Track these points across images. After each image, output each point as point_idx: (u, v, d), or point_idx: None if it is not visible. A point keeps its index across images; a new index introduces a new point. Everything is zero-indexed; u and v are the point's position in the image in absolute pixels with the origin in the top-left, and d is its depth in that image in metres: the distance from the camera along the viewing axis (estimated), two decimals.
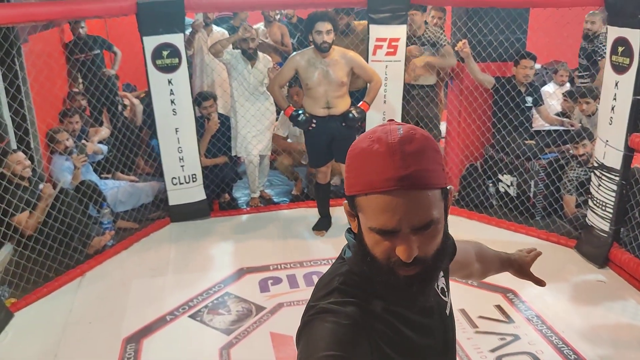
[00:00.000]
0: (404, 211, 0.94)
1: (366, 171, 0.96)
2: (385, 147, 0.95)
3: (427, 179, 0.95)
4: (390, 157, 0.94)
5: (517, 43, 4.74)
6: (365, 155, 0.97)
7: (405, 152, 0.94)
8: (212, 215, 4.78)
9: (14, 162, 3.81)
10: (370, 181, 0.95)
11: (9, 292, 3.59)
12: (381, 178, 0.94)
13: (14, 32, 4.02)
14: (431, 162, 0.96)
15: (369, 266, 1.01)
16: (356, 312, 0.99)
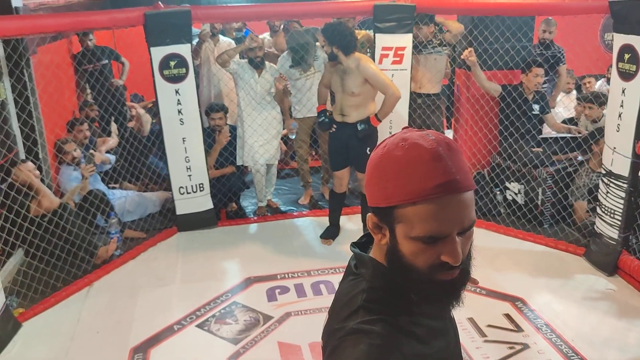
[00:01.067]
0: (455, 215, 0.94)
1: (410, 180, 0.93)
2: (428, 153, 0.93)
3: (469, 180, 0.95)
4: (436, 162, 0.93)
5: (523, 51, 4.75)
6: (404, 163, 0.94)
7: (449, 156, 0.93)
8: (219, 225, 4.79)
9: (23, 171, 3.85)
10: (418, 189, 0.93)
11: (17, 302, 3.59)
12: (431, 185, 0.92)
13: (23, 44, 4.06)
14: (465, 164, 0.97)
15: (404, 278, 0.98)
16: (386, 330, 0.96)
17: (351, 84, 3.98)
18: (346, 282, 1.08)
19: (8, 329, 3.25)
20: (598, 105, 4.78)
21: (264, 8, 5.13)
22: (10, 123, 4.14)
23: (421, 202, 0.93)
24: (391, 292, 1.00)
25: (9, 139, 4.06)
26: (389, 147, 0.98)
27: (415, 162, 0.94)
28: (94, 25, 4.34)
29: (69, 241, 3.96)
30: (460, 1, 4.74)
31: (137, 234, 4.56)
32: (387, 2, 4.63)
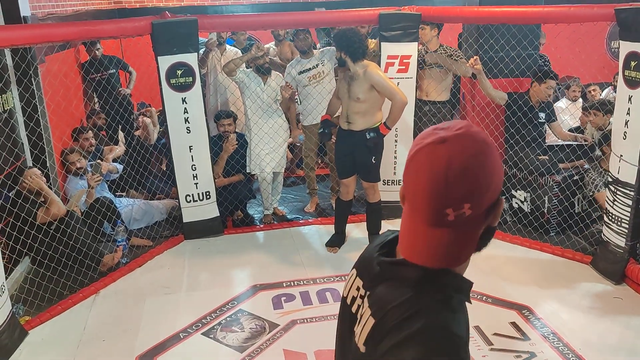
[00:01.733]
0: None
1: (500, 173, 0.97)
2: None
3: None
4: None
5: (529, 59, 4.75)
6: (495, 158, 0.96)
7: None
8: (225, 233, 4.80)
9: (30, 176, 3.88)
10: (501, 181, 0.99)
11: (23, 310, 3.61)
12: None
13: (31, 53, 4.10)
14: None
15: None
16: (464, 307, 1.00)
17: (357, 89, 3.97)
18: (403, 292, 1.00)
19: (14, 337, 3.25)
20: (604, 113, 4.77)
21: (271, 17, 5.17)
22: (18, 131, 4.17)
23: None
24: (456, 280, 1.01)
25: (16, 147, 4.09)
26: (480, 146, 0.95)
27: (497, 157, 0.98)
28: (102, 34, 4.38)
29: (76, 249, 3.98)
30: (466, 9, 4.75)
31: (143, 241, 4.57)
32: (392, 10, 4.65)
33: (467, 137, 0.95)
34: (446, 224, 0.93)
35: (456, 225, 0.93)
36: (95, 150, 5.07)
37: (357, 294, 1.10)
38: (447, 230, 0.94)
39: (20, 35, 3.52)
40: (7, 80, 4.04)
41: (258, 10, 8.88)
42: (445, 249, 0.94)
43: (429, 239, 0.95)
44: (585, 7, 3.98)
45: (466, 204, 0.92)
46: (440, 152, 0.93)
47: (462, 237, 0.95)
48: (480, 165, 0.93)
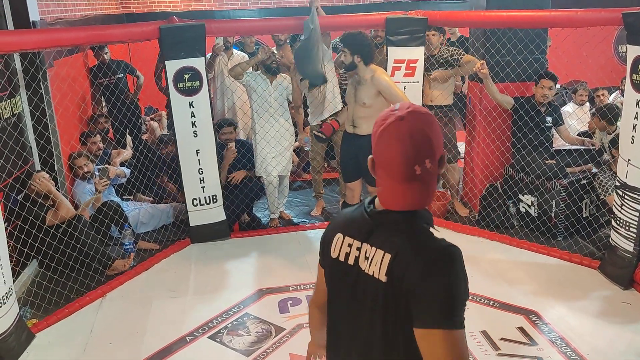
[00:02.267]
0: None
1: (441, 133, 1.35)
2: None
3: None
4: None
5: (535, 63, 4.74)
6: (437, 123, 1.35)
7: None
8: (232, 236, 4.80)
9: (38, 180, 3.90)
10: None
11: (30, 312, 3.62)
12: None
13: (39, 57, 4.14)
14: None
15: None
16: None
17: (363, 94, 3.97)
18: (405, 228, 1.32)
19: (21, 339, 3.27)
20: (602, 119, 4.79)
21: (277, 22, 5.18)
22: (26, 135, 4.21)
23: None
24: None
25: (25, 151, 4.12)
26: (423, 115, 1.30)
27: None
28: (110, 38, 4.41)
29: (83, 252, 4.00)
30: (472, 14, 4.76)
31: (150, 245, 4.59)
32: (399, 15, 4.66)
33: (416, 112, 1.29)
34: (416, 178, 1.27)
35: (422, 177, 1.28)
36: (103, 154, 5.10)
37: (350, 249, 1.38)
38: (417, 183, 1.28)
39: (29, 40, 3.55)
40: (16, 85, 4.07)
41: (265, 14, 8.93)
42: (419, 195, 1.30)
43: (405, 191, 1.29)
44: (593, 11, 3.97)
45: (427, 160, 1.27)
46: (402, 127, 1.27)
47: (427, 185, 1.30)
48: (430, 130, 1.28)
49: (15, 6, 4.12)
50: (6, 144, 3.67)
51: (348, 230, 1.41)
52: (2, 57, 3.89)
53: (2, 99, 3.88)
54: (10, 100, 4.01)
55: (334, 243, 1.43)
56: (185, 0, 8.99)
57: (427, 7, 7.10)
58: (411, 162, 1.26)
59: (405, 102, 1.36)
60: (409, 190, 1.29)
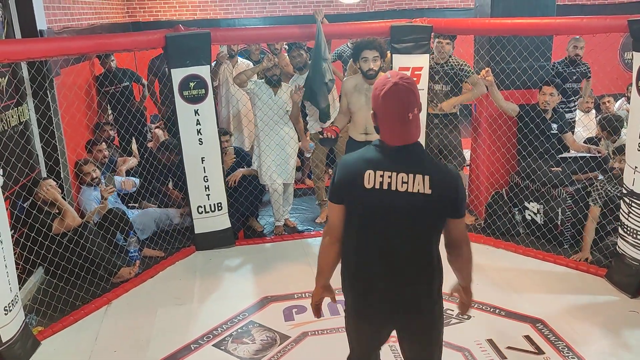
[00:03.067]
0: None
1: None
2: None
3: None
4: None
5: (541, 70, 4.74)
6: (415, 81, 2.03)
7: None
8: (236, 244, 4.80)
9: (45, 187, 3.92)
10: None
11: (36, 320, 3.63)
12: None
13: (46, 66, 4.17)
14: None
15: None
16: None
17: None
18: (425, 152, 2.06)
19: (27, 347, 3.27)
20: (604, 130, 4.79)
21: (282, 30, 5.20)
22: (33, 143, 4.23)
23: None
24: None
25: (31, 159, 4.14)
26: (408, 78, 1.95)
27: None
28: (117, 47, 4.44)
29: (89, 260, 4.01)
30: (477, 21, 4.76)
31: (155, 253, 4.59)
32: (404, 22, 4.67)
33: (404, 77, 1.92)
34: (409, 121, 1.90)
35: (413, 121, 1.90)
36: (108, 161, 5.12)
37: (383, 179, 1.90)
38: (411, 124, 1.91)
39: (36, 49, 3.58)
40: (23, 93, 4.10)
41: (270, 23, 8.98)
42: (414, 131, 1.93)
43: (406, 130, 1.91)
44: (598, 19, 3.96)
45: (415, 108, 1.90)
46: (399, 88, 1.89)
47: (417, 124, 1.93)
48: (414, 90, 1.91)
49: (23, 15, 4.16)
50: (13, 151, 3.69)
51: (377, 166, 1.92)
52: (9, 66, 3.92)
53: (9, 107, 3.90)
54: (18, 108, 4.03)
55: (366, 178, 1.91)
56: (190, 9, 9.05)
57: (431, 14, 7.12)
58: (406, 111, 1.88)
59: (394, 71, 1.98)
60: (407, 129, 1.91)
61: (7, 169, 3.60)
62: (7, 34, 4.00)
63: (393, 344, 3.29)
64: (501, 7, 4.62)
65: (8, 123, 3.85)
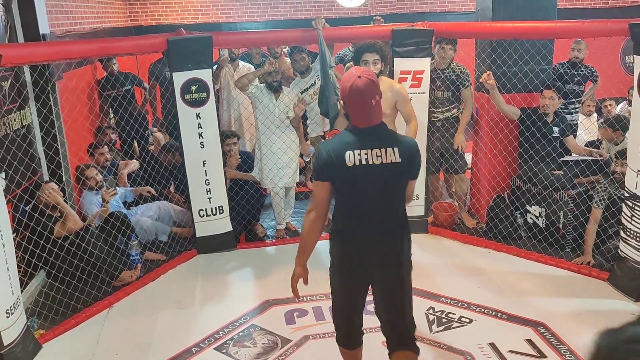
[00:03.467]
0: None
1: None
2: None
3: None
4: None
5: (542, 74, 4.74)
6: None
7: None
8: (238, 247, 4.80)
9: (47, 191, 3.93)
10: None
11: (37, 323, 3.63)
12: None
13: (49, 69, 4.18)
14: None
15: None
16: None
17: (383, 104, 3.93)
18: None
19: (29, 350, 3.27)
20: (613, 130, 4.76)
21: (283, 33, 5.21)
22: (35, 146, 4.24)
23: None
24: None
25: (33, 162, 4.15)
26: (369, 72, 2.40)
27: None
28: (119, 51, 4.45)
29: (91, 263, 4.01)
30: (479, 25, 4.77)
31: (157, 256, 4.59)
32: (405, 26, 4.68)
33: (366, 71, 2.36)
34: (373, 106, 2.33)
35: (375, 104, 2.33)
36: (110, 165, 5.13)
37: (360, 156, 2.31)
38: (375, 106, 2.33)
39: (39, 52, 3.59)
40: (25, 97, 4.11)
41: (271, 27, 8.99)
42: (378, 113, 2.37)
43: (371, 113, 2.34)
44: (599, 22, 3.97)
45: (377, 95, 2.33)
46: (363, 81, 2.30)
47: (379, 108, 2.36)
48: (375, 79, 2.34)
49: (26, 19, 4.17)
50: (15, 155, 3.70)
51: (353, 147, 2.33)
52: (12, 70, 3.94)
53: (11, 111, 3.91)
54: (20, 112, 4.05)
55: (347, 158, 2.32)
56: (192, 13, 9.07)
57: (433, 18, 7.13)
58: (370, 98, 2.32)
59: (358, 67, 2.49)
60: (373, 112, 2.35)
61: (9, 172, 3.61)
62: (9, 38, 4.01)
63: None
64: (502, 10, 4.62)
65: (11, 126, 3.86)
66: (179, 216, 5.07)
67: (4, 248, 3.05)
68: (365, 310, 2.61)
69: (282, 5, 9.30)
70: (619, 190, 4.08)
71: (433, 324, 3.52)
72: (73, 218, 4.02)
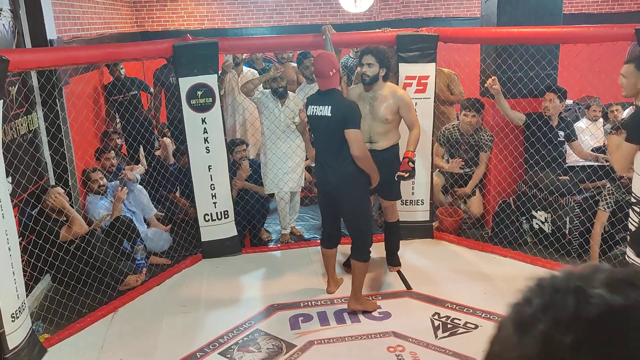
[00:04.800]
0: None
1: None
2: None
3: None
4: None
5: (547, 79, 4.73)
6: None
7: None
8: (243, 252, 4.80)
9: (53, 195, 3.95)
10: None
11: (43, 327, 3.64)
12: None
13: (56, 74, 4.21)
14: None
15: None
16: None
17: (385, 111, 3.91)
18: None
19: (33, 354, 3.28)
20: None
21: (288, 39, 5.24)
22: (41, 151, 4.26)
23: None
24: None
25: (40, 166, 4.17)
26: (325, 52, 3.96)
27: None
28: (125, 56, 4.48)
29: (96, 267, 4.02)
30: (484, 30, 4.77)
31: (162, 260, 4.60)
32: (410, 32, 4.68)
33: (325, 52, 4.00)
34: (330, 76, 3.53)
35: (334, 76, 3.54)
36: (116, 169, 5.15)
37: (315, 110, 3.56)
38: (332, 78, 3.54)
39: (46, 58, 3.62)
40: (32, 101, 4.14)
41: (277, 32, 9.02)
42: (333, 81, 3.55)
43: (326, 82, 3.54)
44: (605, 27, 3.97)
45: (334, 69, 3.54)
46: (322, 56, 3.66)
47: (336, 78, 3.56)
48: (333, 58, 3.64)
49: (34, 25, 4.21)
50: (22, 159, 3.72)
51: (313, 102, 3.60)
52: (20, 75, 3.97)
53: (19, 116, 3.94)
54: (27, 116, 4.07)
55: (309, 110, 3.61)
56: (198, 19, 9.11)
57: (438, 24, 7.14)
58: (327, 70, 3.48)
59: (322, 50, 4.08)
60: (327, 81, 3.51)
61: (16, 176, 3.63)
62: (17, 44, 4.04)
63: (400, 353, 3.28)
64: (507, 16, 4.62)
65: (18, 131, 3.89)
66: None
67: (10, 252, 3.06)
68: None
69: (287, 11, 9.33)
70: (626, 195, 4.06)
71: (438, 330, 3.51)
72: (79, 222, 4.03)
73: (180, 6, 9.03)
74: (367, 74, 3.89)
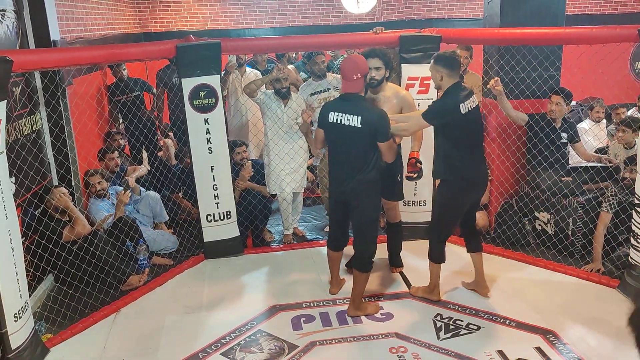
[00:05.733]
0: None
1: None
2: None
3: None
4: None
5: (550, 80, 4.72)
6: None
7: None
8: (245, 252, 4.81)
9: (57, 195, 3.95)
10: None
11: (45, 327, 3.64)
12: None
13: (59, 75, 4.21)
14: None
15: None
16: None
17: (388, 111, 3.87)
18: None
19: (36, 354, 3.28)
20: (632, 130, 4.71)
21: (291, 40, 5.24)
22: (45, 151, 4.27)
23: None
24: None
25: (43, 167, 4.18)
26: (354, 55, 3.82)
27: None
28: (128, 57, 4.48)
29: (98, 267, 4.03)
30: (487, 31, 4.76)
31: (164, 261, 4.61)
32: (413, 32, 4.68)
33: (355, 55, 3.82)
34: (353, 80, 3.50)
35: (358, 80, 3.50)
36: (119, 170, 5.16)
37: (337, 117, 3.48)
38: (357, 81, 3.50)
39: (49, 58, 3.63)
40: (36, 102, 4.15)
41: (280, 33, 9.03)
42: (358, 86, 3.52)
43: (350, 85, 3.51)
44: (608, 28, 3.96)
45: (359, 73, 3.50)
46: (350, 58, 3.64)
47: (360, 82, 3.52)
48: (361, 61, 3.60)
49: (37, 26, 4.22)
50: (25, 159, 3.73)
51: (335, 109, 3.51)
52: (23, 75, 3.98)
53: (22, 116, 3.95)
54: (30, 117, 4.08)
55: (330, 117, 3.51)
56: (201, 20, 9.13)
57: (440, 25, 7.13)
58: (351, 73, 3.46)
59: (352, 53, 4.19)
60: (350, 84, 3.49)
61: (19, 176, 3.64)
62: (21, 44, 4.05)
63: (402, 354, 3.28)
64: (510, 17, 4.62)
65: (21, 131, 3.90)
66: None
67: (12, 252, 3.07)
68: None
69: (290, 12, 9.34)
70: (629, 196, 4.05)
71: (441, 331, 3.50)
72: (82, 222, 4.04)
73: (183, 7, 9.05)
74: (375, 78, 3.88)
